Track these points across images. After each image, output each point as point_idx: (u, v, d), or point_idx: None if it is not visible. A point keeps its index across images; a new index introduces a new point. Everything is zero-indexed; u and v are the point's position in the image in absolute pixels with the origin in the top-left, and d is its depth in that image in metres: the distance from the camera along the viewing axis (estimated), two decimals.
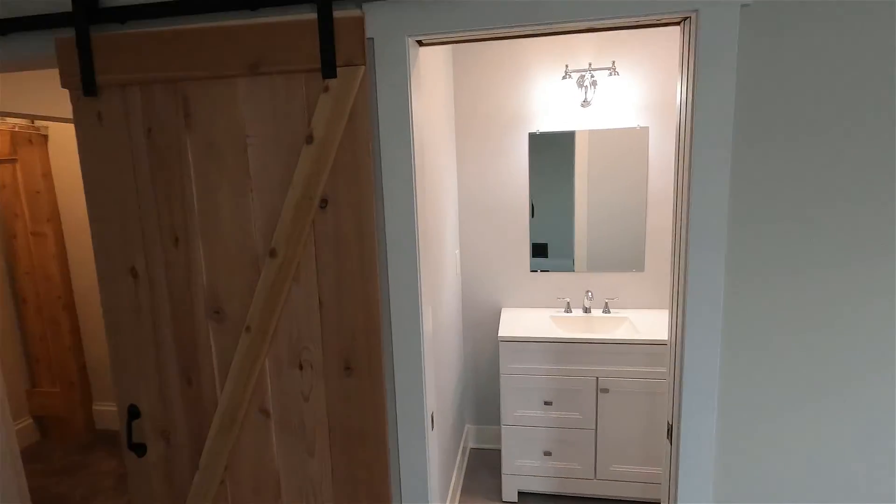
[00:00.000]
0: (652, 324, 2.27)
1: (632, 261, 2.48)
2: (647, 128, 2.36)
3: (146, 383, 1.35)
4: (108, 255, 1.32)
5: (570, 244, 2.52)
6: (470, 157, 2.53)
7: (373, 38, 1.17)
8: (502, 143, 2.50)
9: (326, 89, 1.15)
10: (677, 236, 1.24)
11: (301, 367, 1.28)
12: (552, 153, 2.47)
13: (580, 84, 2.33)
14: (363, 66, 1.13)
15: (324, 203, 1.20)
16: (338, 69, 1.14)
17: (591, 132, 2.40)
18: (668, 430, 1.31)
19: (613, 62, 2.28)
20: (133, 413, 1.36)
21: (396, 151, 1.22)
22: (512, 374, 2.22)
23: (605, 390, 2.15)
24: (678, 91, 1.21)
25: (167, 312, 1.31)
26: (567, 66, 2.35)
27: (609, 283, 2.52)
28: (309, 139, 1.17)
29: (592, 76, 2.31)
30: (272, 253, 1.23)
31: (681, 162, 1.20)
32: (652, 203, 2.42)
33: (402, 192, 1.23)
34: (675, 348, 1.25)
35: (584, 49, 2.34)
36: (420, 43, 1.24)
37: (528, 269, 2.59)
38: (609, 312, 2.45)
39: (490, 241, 2.59)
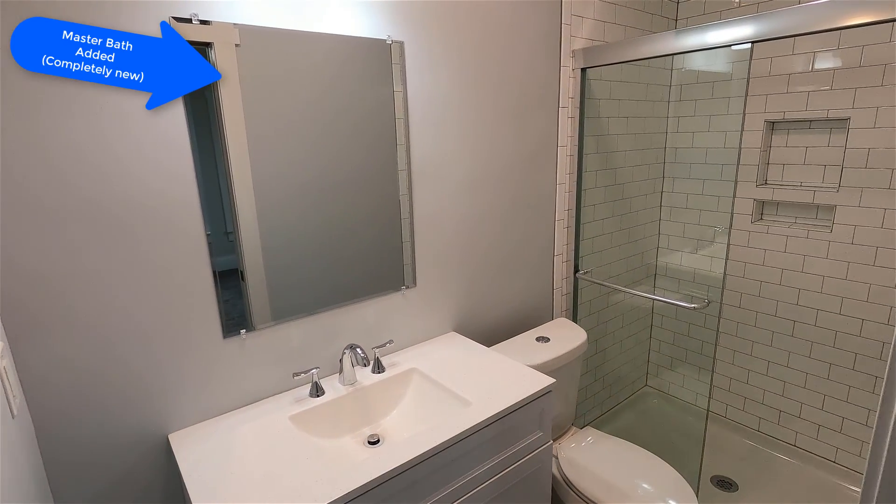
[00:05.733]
0: (444, 364, 1.38)
1: (397, 274, 1.48)
2: (401, 43, 1.35)
3: None
4: None
5: (293, 261, 1.27)
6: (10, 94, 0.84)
7: None
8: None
9: None
10: None
11: None
12: (243, 79, 1.10)
13: None
14: None
15: None
16: None
17: (301, 37, 1.19)
18: None
19: None
20: None
21: None
22: None
23: None
24: None
25: None
26: None
27: (370, 319, 1.43)
28: None
29: None
30: None
31: None
32: (417, 174, 1.46)
33: None
34: None
35: None
36: None
37: (221, 334, 1.17)
38: (383, 371, 1.39)
39: (107, 287, 1.00)
